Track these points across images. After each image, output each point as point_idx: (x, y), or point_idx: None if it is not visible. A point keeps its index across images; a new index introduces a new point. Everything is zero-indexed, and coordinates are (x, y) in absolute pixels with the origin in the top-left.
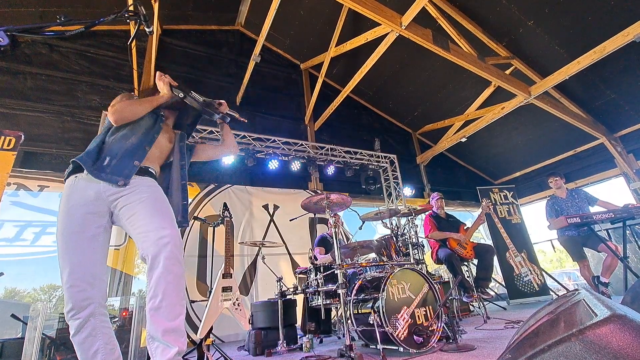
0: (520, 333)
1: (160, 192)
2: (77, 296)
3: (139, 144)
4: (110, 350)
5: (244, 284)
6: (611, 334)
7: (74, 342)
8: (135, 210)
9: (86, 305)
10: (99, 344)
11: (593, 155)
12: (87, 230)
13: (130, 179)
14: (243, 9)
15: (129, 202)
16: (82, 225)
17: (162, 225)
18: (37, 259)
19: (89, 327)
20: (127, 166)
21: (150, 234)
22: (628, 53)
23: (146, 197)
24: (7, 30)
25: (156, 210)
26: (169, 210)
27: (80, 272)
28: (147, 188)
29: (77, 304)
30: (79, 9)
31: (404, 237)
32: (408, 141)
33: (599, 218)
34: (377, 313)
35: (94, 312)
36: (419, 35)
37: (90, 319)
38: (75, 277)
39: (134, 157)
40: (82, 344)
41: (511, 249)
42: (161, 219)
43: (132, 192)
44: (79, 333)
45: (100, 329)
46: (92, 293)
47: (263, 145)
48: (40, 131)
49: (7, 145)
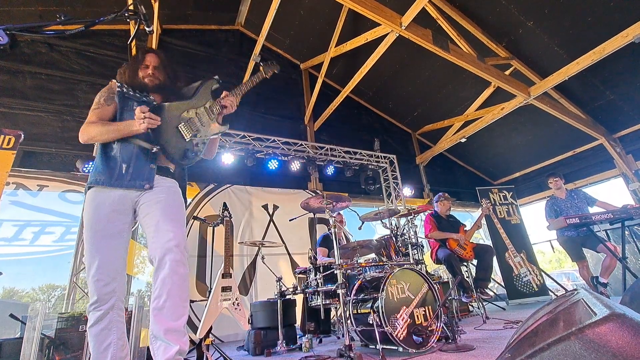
0: (520, 333)
1: (177, 194)
2: (102, 289)
3: (144, 147)
4: (121, 346)
5: (243, 284)
6: (610, 333)
7: (90, 333)
8: (150, 210)
9: (109, 298)
10: (112, 338)
11: (592, 156)
12: (114, 227)
13: (154, 181)
14: (243, 8)
15: (147, 200)
16: (109, 222)
17: (171, 229)
18: (36, 259)
19: (107, 319)
20: (145, 170)
21: (159, 237)
22: (627, 54)
23: (163, 199)
24: (7, 29)
25: (168, 214)
26: (181, 214)
27: (106, 266)
28: (166, 189)
29: (102, 297)
30: (79, 7)
31: (404, 237)
32: (407, 141)
33: (598, 219)
34: (377, 313)
35: (114, 306)
36: (419, 36)
37: (110, 312)
38: (102, 271)
39: (147, 160)
40: (98, 335)
41: (510, 249)
42: (171, 223)
43: (152, 190)
44: (97, 324)
45: (116, 322)
46: (115, 286)
47: (263, 145)
48: (40, 130)
49: (6, 144)
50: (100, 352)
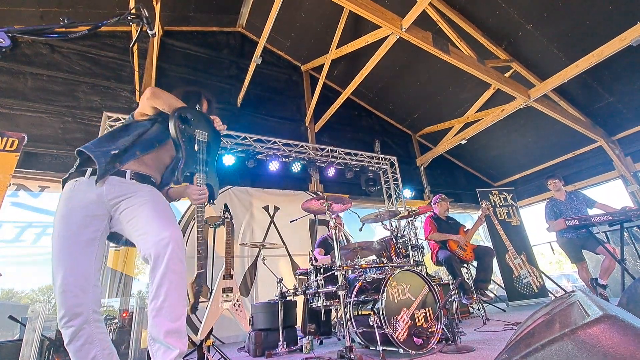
0: (518, 334)
1: (160, 195)
2: (69, 302)
3: (131, 148)
4: (107, 355)
5: (244, 285)
6: (601, 334)
7: (69, 351)
8: (136, 213)
9: (79, 313)
10: (96, 351)
11: (591, 158)
12: (85, 233)
13: (133, 187)
14: (244, 10)
15: (130, 205)
16: (80, 228)
17: (163, 226)
18: (37, 260)
19: (84, 335)
20: (113, 157)
21: (152, 236)
22: (626, 57)
23: (146, 200)
24: (9, 31)
25: (157, 212)
26: (170, 212)
27: (73, 277)
28: (146, 193)
29: (70, 310)
30: (80, 9)
31: (404, 239)
32: (408, 143)
33: (597, 220)
34: (377, 315)
35: (88, 319)
36: (419, 38)
37: (85, 327)
38: (68, 282)
39: (121, 154)
40: (79, 351)
41: (510, 251)
42: (162, 220)
43: (133, 195)
44: (73, 341)
45: (96, 335)
46: (84, 299)
47: (263, 146)
48: (41, 132)
49: (9, 146)
50: None
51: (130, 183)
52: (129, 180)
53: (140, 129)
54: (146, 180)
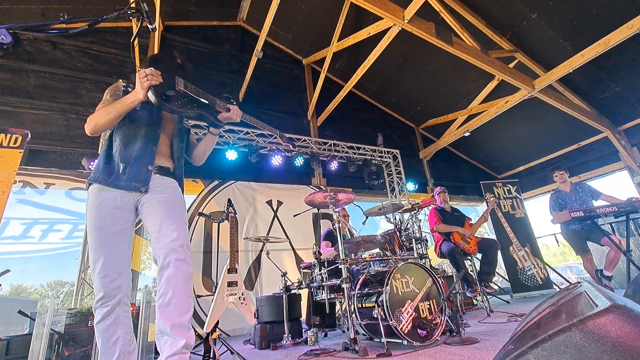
0: (523, 325)
1: (179, 194)
2: (109, 285)
3: (144, 148)
4: (128, 340)
5: (248, 279)
6: (610, 324)
7: (97, 329)
8: (151, 210)
9: (115, 294)
10: (120, 333)
11: (597, 149)
12: (117, 224)
13: (149, 184)
14: (244, 4)
15: (149, 200)
16: (112, 220)
17: (174, 229)
18: (44, 256)
19: (113, 315)
20: (141, 172)
21: (163, 237)
22: (633, 45)
23: (164, 199)
24: (10, 28)
25: (170, 213)
26: (184, 214)
27: (111, 263)
28: (168, 189)
29: (109, 293)
30: (80, 5)
31: (408, 232)
32: (411, 136)
33: (602, 212)
34: (381, 307)
35: (121, 301)
36: (422, 29)
37: (117, 308)
38: (108, 267)
39: (144, 162)
40: (106, 330)
41: (515, 243)
42: (174, 223)
43: (153, 190)
44: (104, 320)
45: (123, 318)
46: (121, 282)
47: (266, 141)
48: (45, 129)
49: (13, 143)
50: (108, 347)
51: (152, 177)
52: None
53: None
54: (165, 172)
